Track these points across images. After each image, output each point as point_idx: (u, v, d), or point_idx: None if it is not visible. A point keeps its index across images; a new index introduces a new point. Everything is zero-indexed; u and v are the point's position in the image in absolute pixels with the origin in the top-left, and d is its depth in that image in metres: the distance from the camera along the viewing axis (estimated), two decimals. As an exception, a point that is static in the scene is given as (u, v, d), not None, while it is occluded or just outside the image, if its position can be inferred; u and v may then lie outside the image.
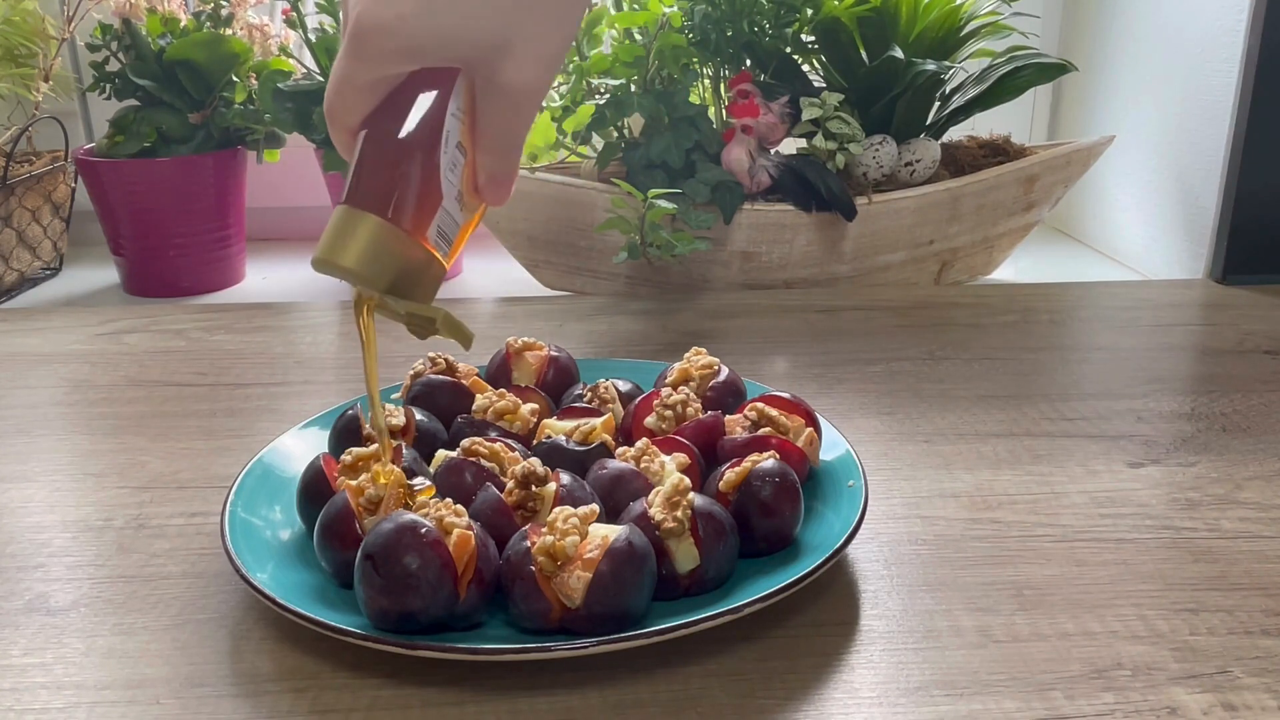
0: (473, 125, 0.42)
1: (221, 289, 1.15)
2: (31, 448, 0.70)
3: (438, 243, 0.42)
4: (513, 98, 0.41)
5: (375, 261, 0.40)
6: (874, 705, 0.44)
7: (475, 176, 0.43)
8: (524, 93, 0.41)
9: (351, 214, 0.40)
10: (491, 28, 0.39)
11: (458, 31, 0.39)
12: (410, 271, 0.41)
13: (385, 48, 0.39)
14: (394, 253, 0.41)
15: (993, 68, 1.06)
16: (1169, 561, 0.54)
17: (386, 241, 0.40)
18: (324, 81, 1.05)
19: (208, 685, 0.45)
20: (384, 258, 0.40)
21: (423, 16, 0.38)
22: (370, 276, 0.41)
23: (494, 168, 0.43)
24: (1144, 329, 0.90)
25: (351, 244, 0.40)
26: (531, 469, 0.51)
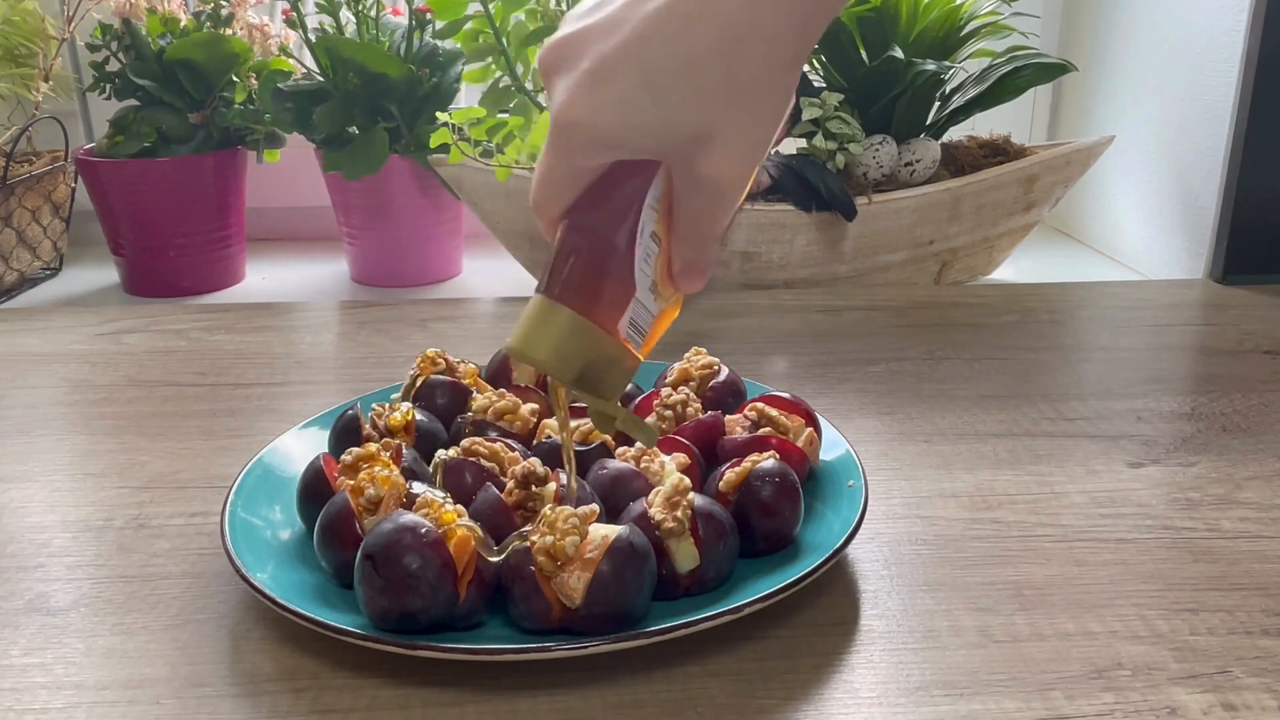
0: (669, 214, 0.42)
1: (221, 289, 1.15)
2: (31, 448, 0.70)
3: (629, 335, 0.42)
4: (713, 190, 0.41)
5: (566, 355, 0.41)
6: (874, 705, 0.44)
7: (670, 265, 0.43)
8: (725, 185, 0.40)
9: (545, 305, 0.41)
10: (694, 121, 0.39)
11: (658, 126, 0.39)
12: (600, 363, 0.42)
13: (584, 143, 0.39)
14: (584, 346, 0.41)
15: (993, 68, 1.06)
16: (1169, 561, 0.54)
17: (577, 335, 0.41)
18: (323, 82, 1.06)
19: (208, 685, 0.45)
20: (574, 351, 0.41)
21: (623, 111, 0.39)
22: (560, 369, 0.41)
23: (691, 258, 0.42)
24: (1144, 329, 0.90)
25: (544, 337, 0.41)
26: (531, 469, 0.51)
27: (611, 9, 0.39)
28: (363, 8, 1.06)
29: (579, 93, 0.39)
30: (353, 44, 1.02)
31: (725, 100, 0.39)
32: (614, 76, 0.38)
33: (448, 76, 1.08)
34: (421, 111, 1.07)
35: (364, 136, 1.05)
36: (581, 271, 0.41)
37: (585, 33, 0.39)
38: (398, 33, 1.08)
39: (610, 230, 0.41)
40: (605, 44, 0.39)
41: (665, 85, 0.38)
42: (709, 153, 0.39)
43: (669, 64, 0.38)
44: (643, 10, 0.38)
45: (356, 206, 1.11)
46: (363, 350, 0.88)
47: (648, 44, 0.38)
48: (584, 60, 0.39)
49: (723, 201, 0.41)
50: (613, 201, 0.41)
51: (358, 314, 0.97)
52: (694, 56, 0.38)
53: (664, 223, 0.42)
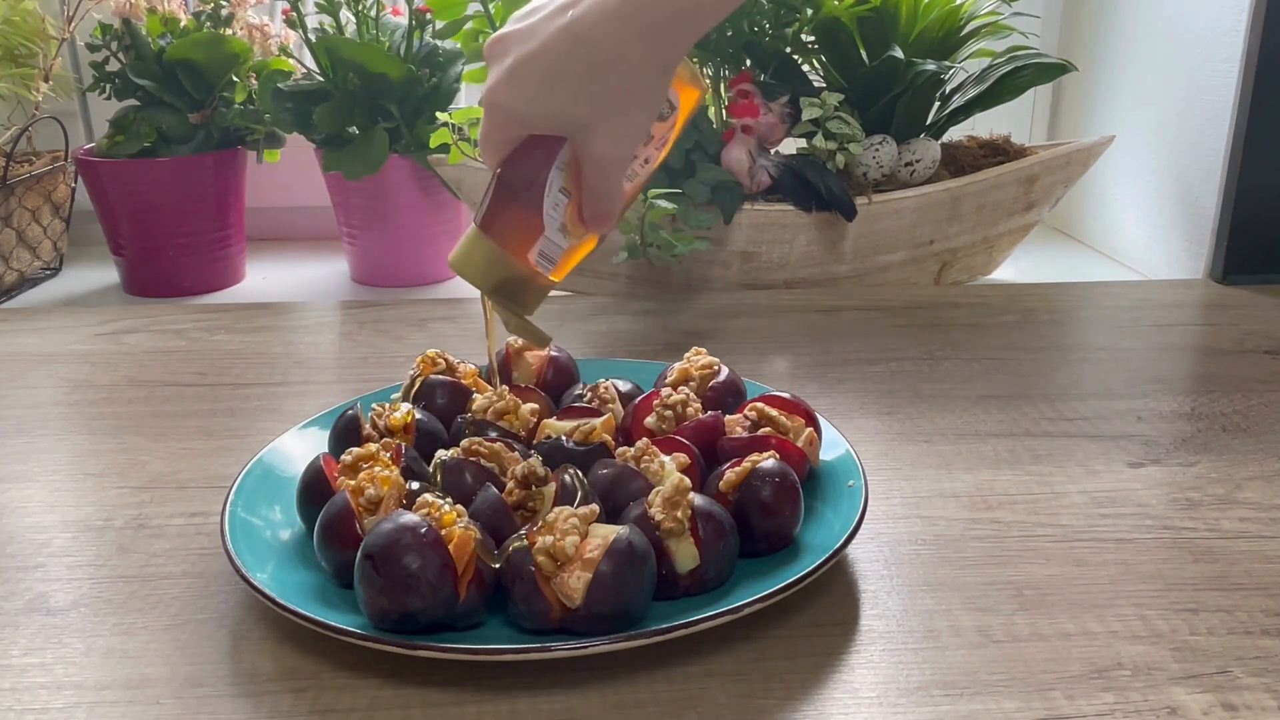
0: (577, 174, 0.54)
1: (221, 289, 1.15)
2: (31, 448, 0.70)
3: (539, 262, 0.54)
4: (598, 164, 0.53)
5: (484, 272, 0.54)
6: (874, 705, 0.44)
7: (581, 211, 0.55)
8: (607, 161, 0.53)
9: (474, 234, 0.54)
10: (578, 115, 0.51)
11: (554, 114, 0.52)
12: (513, 281, 0.54)
13: (502, 120, 0.53)
14: (499, 267, 0.54)
15: (993, 68, 1.06)
16: (1169, 561, 0.54)
17: (494, 259, 0.54)
18: (323, 82, 1.06)
19: (208, 685, 0.45)
20: (491, 270, 0.54)
21: (529, 101, 0.52)
22: (479, 281, 0.54)
23: (590, 209, 0.55)
24: (1144, 329, 0.90)
25: (469, 257, 0.54)
26: (531, 469, 0.52)
27: (535, 19, 0.52)
28: (363, 8, 1.06)
29: (500, 82, 0.52)
30: (353, 44, 1.02)
31: (600, 102, 0.51)
32: (525, 74, 0.51)
33: (448, 76, 1.08)
34: (421, 111, 1.07)
35: (364, 136, 1.05)
36: (500, 212, 0.54)
37: (513, 34, 0.52)
38: (398, 33, 1.08)
39: (523, 183, 0.53)
40: (523, 47, 0.51)
41: (558, 87, 0.51)
42: (591, 138, 0.52)
43: (560, 73, 0.51)
44: (552, 26, 0.51)
45: (356, 206, 1.12)
46: (363, 350, 0.88)
47: (549, 54, 0.51)
48: (508, 58, 0.52)
49: (608, 172, 0.53)
50: (527, 162, 0.53)
51: (358, 314, 0.97)
52: (577, 69, 0.51)
53: (573, 180, 0.54)
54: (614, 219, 0.56)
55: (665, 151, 0.59)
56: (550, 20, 0.51)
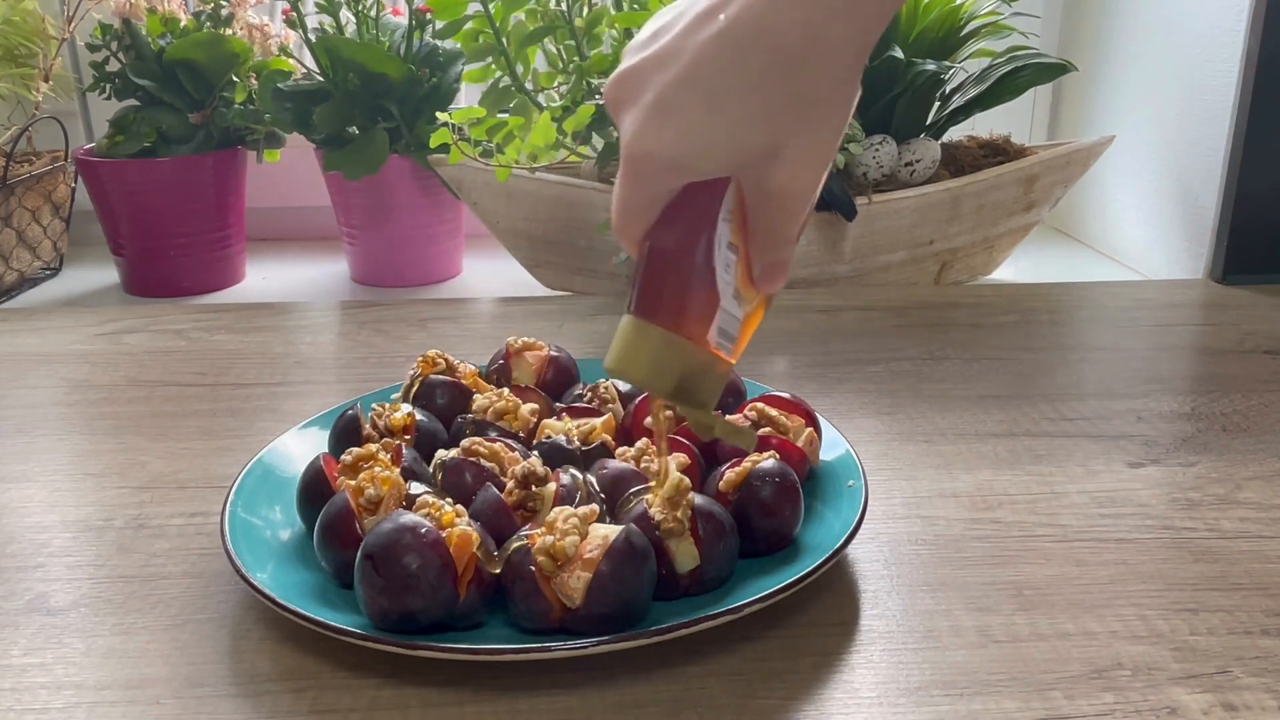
0: (743, 223, 0.43)
1: (221, 289, 1.15)
2: (31, 448, 0.70)
3: (719, 343, 0.44)
4: (784, 199, 0.42)
5: (661, 370, 0.43)
6: (874, 705, 0.44)
7: (750, 270, 0.44)
8: (794, 194, 0.42)
9: (637, 324, 0.43)
10: (758, 140, 0.40)
11: (724, 148, 0.40)
12: (694, 373, 0.43)
13: (655, 171, 0.41)
14: (677, 359, 0.43)
15: (993, 68, 1.06)
16: (1169, 561, 0.54)
17: (670, 350, 0.43)
18: (323, 82, 1.06)
19: (208, 685, 0.45)
20: (668, 365, 0.43)
21: (689, 139, 0.40)
22: (656, 385, 0.43)
23: (767, 261, 0.44)
24: (1144, 329, 0.90)
25: (638, 355, 0.43)
26: (531, 469, 0.52)
27: (668, 39, 0.40)
28: (363, 8, 1.06)
29: (646, 125, 0.40)
30: (353, 44, 1.02)
31: (787, 117, 0.40)
32: (677, 106, 0.40)
33: (448, 76, 1.08)
34: (421, 111, 1.07)
35: (364, 136, 1.05)
36: (667, 289, 0.43)
37: (645, 65, 0.41)
38: (398, 33, 1.08)
39: (689, 247, 0.42)
40: (665, 74, 0.40)
41: (726, 109, 0.39)
42: (777, 167, 0.41)
43: (728, 88, 0.39)
44: (698, 38, 0.39)
45: (356, 206, 1.11)
46: (363, 350, 0.88)
47: (705, 71, 0.39)
48: (647, 93, 0.40)
49: (794, 208, 0.42)
50: (688, 220, 0.43)
51: (358, 314, 0.97)
52: (751, 79, 0.39)
53: (739, 232, 0.43)
54: (786, 271, 0.44)
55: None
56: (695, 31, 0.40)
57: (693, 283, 0.43)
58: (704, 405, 0.44)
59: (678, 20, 0.41)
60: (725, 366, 0.45)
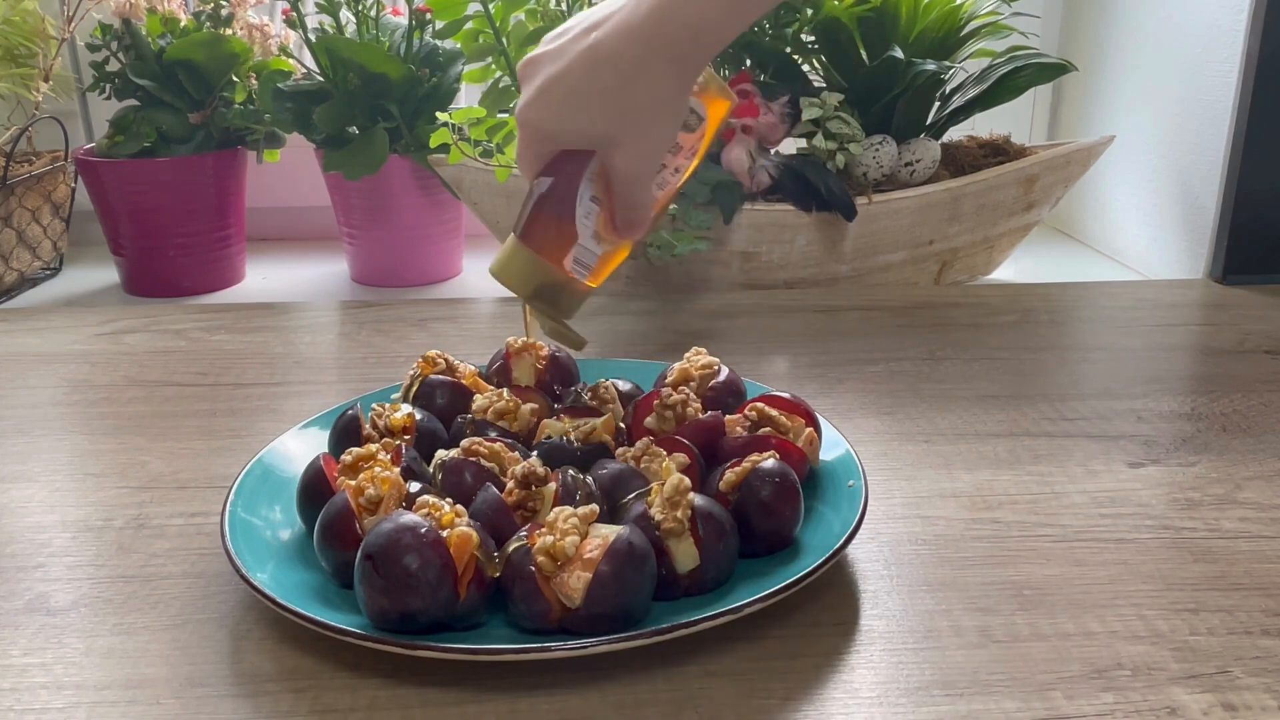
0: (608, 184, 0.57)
1: (221, 289, 1.15)
2: (31, 448, 0.70)
3: (574, 268, 0.57)
4: (624, 177, 0.56)
5: (523, 279, 0.57)
6: (874, 705, 0.44)
7: (614, 219, 0.58)
8: (632, 174, 0.56)
9: (513, 242, 0.57)
10: (603, 131, 0.55)
11: (580, 131, 0.55)
12: (551, 286, 0.57)
13: (532, 136, 0.56)
14: (536, 273, 0.57)
15: (993, 68, 1.06)
16: (1169, 561, 0.54)
17: (531, 266, 0.57)
18: (323, 82, 1.06)
19: (208, 685, 0.45)
20: (529, 276, 0.57)
21: (557, 119, 0.55)
22: (518, 288, 0.57)
23: (621, 218, 0.58)
24: (1144, 329, 0.90)
25: (509, 265, 0.57)
26: (531, 469, 0.52)
27: (562, 40, 0.55)
28: (363, 8, 1.06)
29: (530, 101, 0.56)
30: (353, 44, 1.02)
31: (622, 119, 0.54)
32: (552, 93, 0.55)
33: (448, 76, 1.08)
34: (421, 111, 1.07)
35: (364, 136, 1.05)
36: (536, 221, 0.57)
37: (543, 56, 0.56)
38: (398, 33, 1.08)
39: (556, 194, 0.56)
40: (551, 68, 0.55)
41: (583, 105, 0.54)
42: (616, 153, 0.55)
43: (585, 90, 0.54)
44: (577, 47, 0.54)
45: (356, 206, 1.11)
46: (363, 350, 0.88)
47: (573, 73, 0.54)
48: (538, 78, 0.55)
49: (635, 184, 0.56)
50: (559, 174, 0.56)
51: (358, 314, 0.97)
52: (601, 87, 0.54)
53: (603, 189, 0.57)
54: (644, 227, 0.58)
55: (696, 160, 0.61)
56: (576, 42, 0.54)
57: (556, 220, 0.56)
58: (562, 313, 0.58)
59: (575, 26, 0.55)
60: (581, 286, 0.58)
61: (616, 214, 0.57)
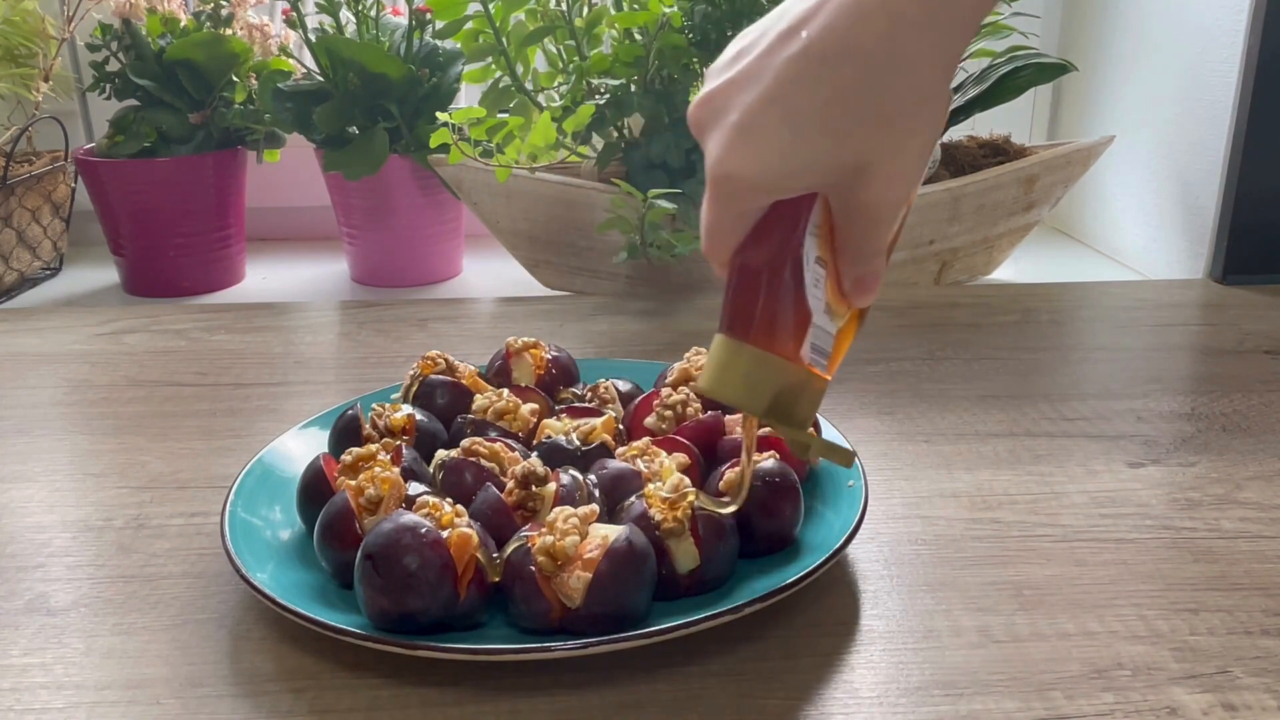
0: (831, 238, 0.43)
1: (221, 289, 1.15)
2: (31, 448, 0.70)
3: (813, 359, 0.43)
4: (871, 214, 0.41)
5: (754, 390, 0.42)
6: (874, 705, 0.44)
7: (840, 284, 0.44)
8: (882, 209, 0.41)
9: (729, 344, 0.43)
10: (844, 158, 0.40)
11: (809, 166, 0.40)
12: (788, 391, 0.43)
13: (741, 192, 0.41)
14: (771, 378, 0.42)
15: (993, 68, 1.06)
16: (1169, 561, 0.54)
17: (763, 369, 0.42)
18: (323, 82, 1.06)
19: (208, 685, 0.45)
20: (762, 384, 0.42)
21: (773, 159, 0.40)
22: (751, 404, 0.43)
23: (858, 274, 0.44)
24: (1144, 329, 0.90)
25: (732, 375, 0.43)
26: (531, 469, 0.52)
27: (751, 59, 0.40)
28: (363, 8, 1.06)
29: (730, 147, 0.40)
30: (353, 44, 1.02)
31: (872, 134, 0.39)
32: (760, 127, 0.40)
33: (448, 76, 1.08)
34: (421, 111, 1.07)
35: (364, 136, 1.05)
36: (757, 307, 0.42)
37: (728, 86, 0.41)
38: (398, 33, 1.08)
39: (778, 264, 0.42)
40: (748, 95, 0.40)
41: (810, 128, 0.39)
42: (865, 182, 0.40)
43: (812, 107, 0.39)
44: (780, 57, 0.39)
45: (356, 206, 1.11)
46: (363, 350, 0.88)
47: (788, 90, 0.39)
48: (731, 114, 0.40)
49: (883, 222, 0.42)
50: (775, 237, 0.42)
51: (358, 314, 0.97)
52: (835, 97, 0.39)
53: (827, 246, 0.43)
54: (877, 284, 0.44)
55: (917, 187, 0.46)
56: (777, 51, 0.40)
57: (783, 300, 0.42)
58: (800, 423, 0.43)
59: (760, 40, 0.40)
60: (821, 383, 0.44)
61: (847, 271, 0.43)
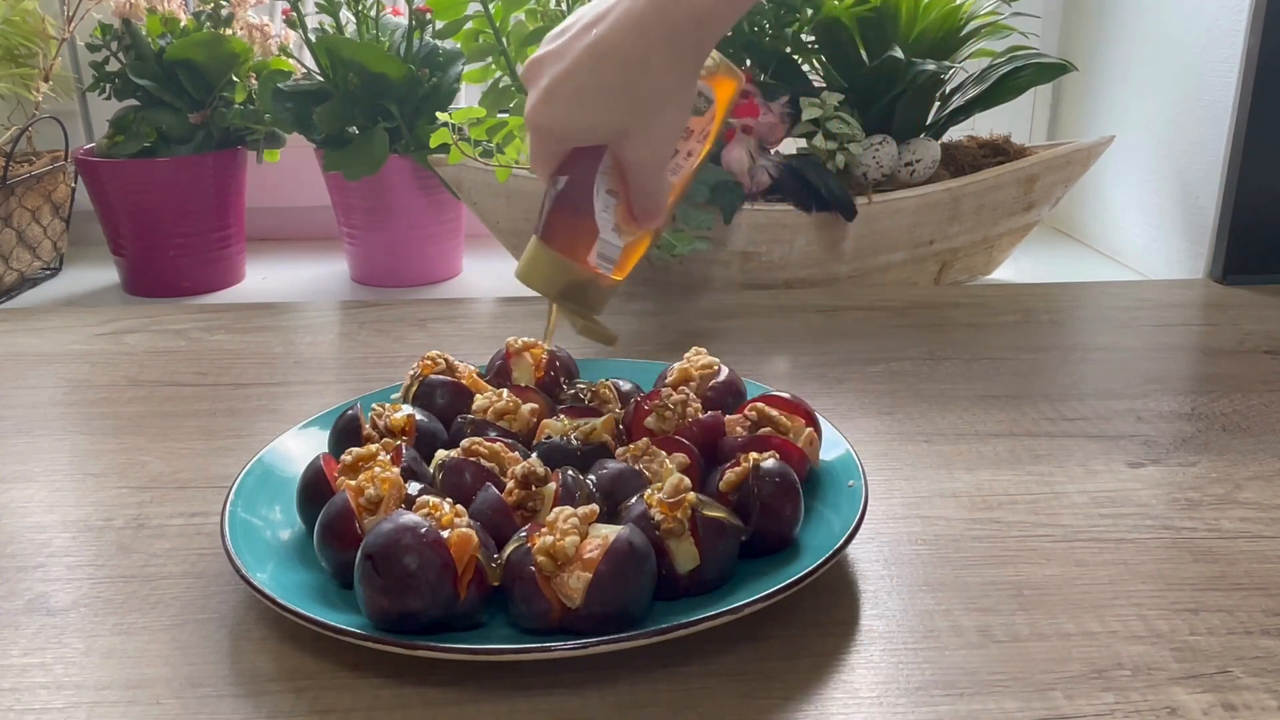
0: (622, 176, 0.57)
1: (221, 289, 1.15)
2: (31, 448, 0.70)
3: (599, 263, 0.58)
4: (637, 167, 0.56)
5: (549, 279, 0.57)
6: (874, 705, 0.44)
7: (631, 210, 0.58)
8: (644, 164, 0.56)
9: (535, 243, 0.57)
10: (611, 124, 0.55)
11: (589, 127, 0.55)
12: (577, 284, 0.58)
13: (543, 137, 0.56)
14: (562, 272, 0.57)
15: (993, 68, 1.06)
16: (1169, 561, 0.54)
17: (556, 265, 0.57)
18: (323, 82, 1.06)
19: (208, 685, 0.45)
20: (555, 276, 0.57)
21: (565, 118, 0.55)
22: (546, 288, 0.58)
23: (639, 207, 0.58)
24: (1144, 329, 0.90)
25: (534, 267, 0.57)
26: (531, 469, 0.51)
27: (564, 40, 0.55)
28: (363, 8, 1.06)
29: (538, 104, 0.56)
30: (353, 44, 1.02)
31: (628, 112, 0.55)
32: (558, 93, 0.55)
33: (448, 76, 1.08)
34: (421, 111, 1.07)
35: (364, 136, 1.05)
36: (556, 220, 0.57)
37: (546, 56, 0.56)
38: (398, 33, 1.08)
39: (573, 192, 0.57)
40: (555, 67, 0.55)
41: (590, 101, 0.55)
42: (626, 145, 0.56)
43: (590, 87, 0.54)
44: (580, 44, 0.54)
45: (356, 206, 1.12)
46: (363, 350, 0.88)
47: (578, 71, 0.54)
48: (542, 79, 0.55)
49: (649, 173, 0.57)
50: (574, 172, 0.57)
51: (358, 314, 0.97)
52: (605, 83, 0.54)
53: (618, 181, 0.57)
54: (662, 214, 0.59)
55: (709, 143, 0.61)
56: (578, 39, 0.55)
57: (576, 216, 0.57)
58: (591, 310, 0.59)
59: (574, 24, 0.55)
60: (608, 281, 0.59)
61: (634, 204, 0.58)
